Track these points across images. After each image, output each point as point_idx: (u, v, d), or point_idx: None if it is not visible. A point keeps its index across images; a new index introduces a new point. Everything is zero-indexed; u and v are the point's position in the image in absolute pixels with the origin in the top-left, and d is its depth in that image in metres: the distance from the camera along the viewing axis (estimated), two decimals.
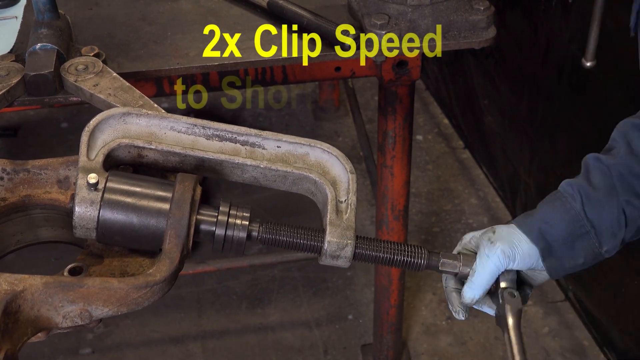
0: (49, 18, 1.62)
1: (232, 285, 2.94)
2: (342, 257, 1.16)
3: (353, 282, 2.94)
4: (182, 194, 1.09)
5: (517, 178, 3.01)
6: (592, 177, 1.24)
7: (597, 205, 1.23)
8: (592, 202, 1.23)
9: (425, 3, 1.73)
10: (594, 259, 1.26)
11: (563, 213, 1.23)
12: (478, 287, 1.22)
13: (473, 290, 1.22)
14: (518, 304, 1.20)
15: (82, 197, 1.08)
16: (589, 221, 1.23)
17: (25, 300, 1.01)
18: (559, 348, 2.68)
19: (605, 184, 1.23)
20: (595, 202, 1.23)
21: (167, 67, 1.72)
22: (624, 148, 1.24)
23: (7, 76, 1.55)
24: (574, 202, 1.23)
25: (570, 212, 1.23)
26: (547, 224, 1.23)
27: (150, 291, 1.05)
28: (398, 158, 2.08)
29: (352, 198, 1.17)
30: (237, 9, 1.92)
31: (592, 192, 1.23)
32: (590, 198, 1.23)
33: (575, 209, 1.23)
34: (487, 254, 1.22)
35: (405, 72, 1.88)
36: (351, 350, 2.71)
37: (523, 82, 2.84)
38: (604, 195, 1.23)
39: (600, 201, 1.23)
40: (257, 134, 1.20)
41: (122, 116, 1.18)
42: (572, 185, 1.25)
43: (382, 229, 2.25)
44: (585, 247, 1.24)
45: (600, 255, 1.26)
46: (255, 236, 1.16)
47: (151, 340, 2.76)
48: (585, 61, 2.06)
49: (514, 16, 2.79)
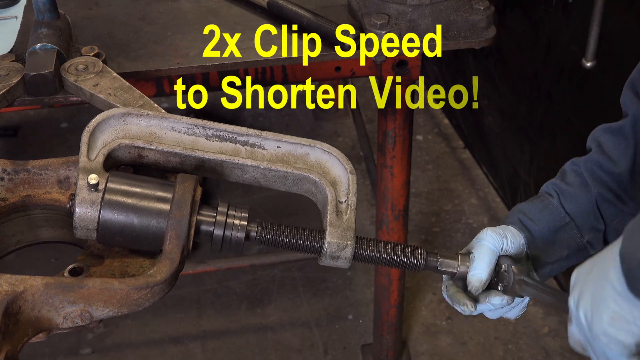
0: (49, 18, 1.62)
1: (232, 285, 2.94)
2: (342, 258, 1.16)
3: (353, 282, 2.94)
4: (183, 194, 1.09)
5: (517, 178, 3.01)
6: (566, 177, 1.33)
7: (573, 199, 1.31)
8: (567, 196, 1.31)
9: (425, 3, 1.73)
10: (578, 251, 1.32)
11: (542, 207, 1.31)
12: (481, 267, 1.22)
13: (479, 272, 1.22)
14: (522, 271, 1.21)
15: (83, 198, 1.08)
16: (567, 214, 1.30)
17: (26, 301, 1.01)
18: (559, 348, 2.68)
19: (578, 180, 1.32)
20: (570, 196, 1.31)
21: (167, 67, 1.73)
22: (594, 148, 1.33)
23: (7, 76, 1.55)
24: (551, 198, 1.32)
25: (548, 206, 1.31)
26: (526, 216, 1.30)
27: (151, 292, 1.05)
28: (398, 158, 2.08)
29: (352, 199, 1.17)
30: (237, 9, 1.92)
31: (567, 187, 1.32)
32: (565, 193, 1.31)
33: (553, 203, 1.31)
34: (479, 238, 1.25)
35: (405, 72, 1.88)
36: (351, 350, 2.71)
37: (523, 82, 2.84)
38: (578, 190, 1.31)
39: (574, 195, 1.31)
40: (257, 134, 1.20)
41: (122, 116, 1.18)
42: (548, 185, 1.35)
43: (382, 229, 2.25)
44: (567, 238, 1.30)
45: (584, 248, 1.32)
46: (254, 236, 1.16)
47: (151, 340, 2.76)
48: (585, 61, 2.06)
49: (514, 16, 2.79)
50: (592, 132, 1.36)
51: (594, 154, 1.32)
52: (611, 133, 1.31)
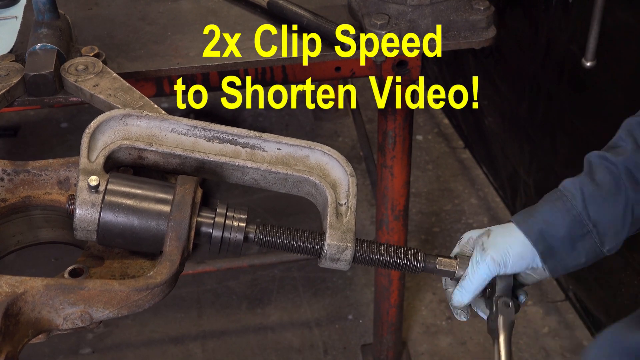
0: (49, 18, 1.62)
1: (232, 285, 2.94)
2: (342, 260, 1.16)
3: (353, 282, 2.94)
4: (183, 196, 1.09)
5: (517, 178, 3.01)
6: (596, 175, 1.22)
7: (601, 204, 1.21)
8: (595, 200, 1.21)
9: (425, 3, 1.73)
10: (595, 257, 1.25)
11: (564, 213, 1.22)
12: (467, 292, 1.23)
13: (462, 295, 1.24)
14: (511, 315, 1.21)
15: (83, 199, 1.08)
16: (591, 221, 1.21)
17: (26, 303, 1.01)
18: (559, 348, 2.68)
19: (611, 181, 1.21)
20: (598, 200, 1.21)
21: (167, 67, 1.72)
22: (631, 145, 1.22)
23: (7, 76, 1.55)
24: (575, 201, 1.22)
25: (571, 212, 1.21)
26: (548, 224, 1.22)
27: (151, 293, 1.05)
28: (398, 158, 2.08)
29: (352, 201, 1.17)
30: (237, 9, 1.92)
31: (596, 189, 1.21)
32: (593, 196, 1.21)
33: (577, 208, 1.21)
34: (478, 260, 1.22)
35: (405, 72, 1.88)
36: (351, 350, 2.71)
37: (523, 82, 2.84)
38: (609, 193, 1.21)
39: (604, 199, 1.21)
40: (257, 136, 1.20)
41: (122, 118, 1.18)
42: (574, 183, 1.24)
43: (382, 229, 2.25)
44: (586, 247, 1.23)
45: (602, 254, 1.25)
46: (252, 238, 1.16)
47: (151, 340, 2.76)
48: (585, 61, 2.05)
49: (514, 16, 2.79)
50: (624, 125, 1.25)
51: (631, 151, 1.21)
52: None
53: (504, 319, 1.20)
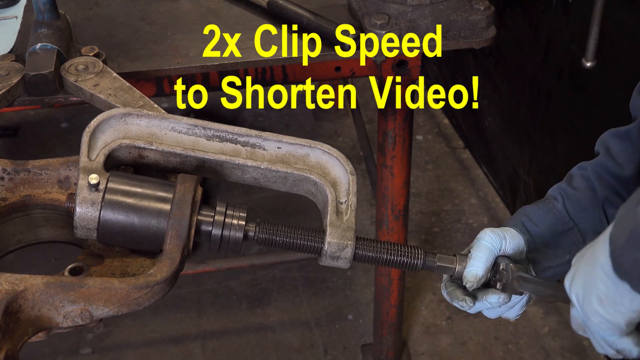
0: (49, 18, 1.62)
1: (232, 285, 2.94)
2: (342, 258, 1.16)
3: (353, 282, 2.94)
4: (183, 194, 1.09)
5: (517, 178, 3.01)
6: (573, 181, 1.33)
7: (578, 203, 1.30)
8: (572, 201, 1.30)
9: (425, 3, 1.73)
10: None
11: (545, 210, 1.31)
12: (477, 264, 1.22)
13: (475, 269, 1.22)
14: (521, 268, 1.21)
15: (83, 198, 1.08)
16: (571, 219, 1.30)
17: (26, 300, 1.01)
18: (559, 348, 2.68)
19: (585, 184, 1.31)
20: (576, 201, 1.30)
21: (167, 67, 1.73)
22: (602, 152, 1.33)
23: (7, 76, 1.55)
24: (556, 202, 1.31)
25: (552, 210, 1.31)
26: (529, 219, 1.30)
27: (151, 291, 1.05)
28: (398, 158, 2.08)
29: (352, 199, 1.18)
30: (237, 9, 1.92)
31: (573, 192, 1.31)
32: (571, 197, 1.31)
33: (557, 207, 1.31)
34: (478, 238, 1.25)
35: (405, 72, 1.88)
36: (351, 350, 2.71)
37: (523, 82, 2.84)
38: (585, 196, 1.30)
39: (580, 200, 1.30)
40: (257, 134, 1.20)
41: (122, 117, 1.18)
42: (554, 189, 1.34)
43: (382, 229, 2.25)
44: (570, 243, 1.30)
45: None
46: (252, 236, 1.16)
47: (151, 340, 2.76)
48: (585, 61, 2.06)
49: (514, 16, 2.79)
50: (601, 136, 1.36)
51: (601, 157, 1.32)
52: (619, 137, 1.30)
53: (517, 268, 1.21)
